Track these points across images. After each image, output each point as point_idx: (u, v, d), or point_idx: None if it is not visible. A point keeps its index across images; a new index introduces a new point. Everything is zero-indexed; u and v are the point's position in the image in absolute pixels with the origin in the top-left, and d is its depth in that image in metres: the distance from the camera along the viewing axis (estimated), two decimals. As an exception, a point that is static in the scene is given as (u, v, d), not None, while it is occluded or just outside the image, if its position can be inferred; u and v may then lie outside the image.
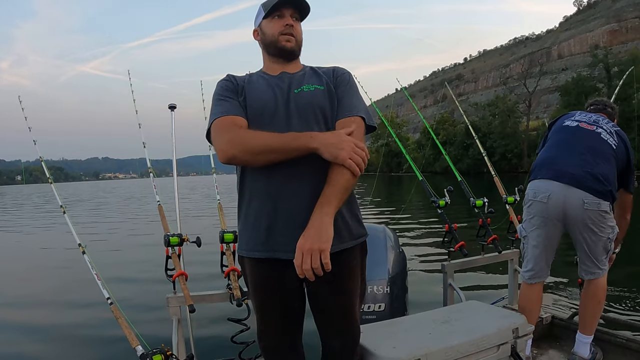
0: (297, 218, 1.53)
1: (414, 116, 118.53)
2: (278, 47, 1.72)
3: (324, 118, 1.65)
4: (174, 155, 2.84)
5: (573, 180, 2.48)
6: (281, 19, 1.70)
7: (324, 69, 1.79)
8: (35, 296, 6.72)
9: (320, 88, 1.69)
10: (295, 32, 1.72)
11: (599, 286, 2.59)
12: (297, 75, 1.74)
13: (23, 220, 21.30)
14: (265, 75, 1.76)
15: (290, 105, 1.64)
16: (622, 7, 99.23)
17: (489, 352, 2.02)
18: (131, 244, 11.55)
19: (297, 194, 1.56)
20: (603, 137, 2.60)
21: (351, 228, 1.67)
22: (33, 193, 60.09)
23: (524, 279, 2.75)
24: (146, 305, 5.42)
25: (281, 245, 1.58)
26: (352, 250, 1.68)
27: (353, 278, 1.70)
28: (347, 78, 1.76)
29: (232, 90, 1.70)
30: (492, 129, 58.36)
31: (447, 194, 3.24)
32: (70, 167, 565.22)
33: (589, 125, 2.67)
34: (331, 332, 1.76)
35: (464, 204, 3.59)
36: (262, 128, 1.59)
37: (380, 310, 2.67)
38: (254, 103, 1.66)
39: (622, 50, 68.13)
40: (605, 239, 2.51)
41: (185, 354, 2.29)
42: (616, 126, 2.74)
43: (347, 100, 1.69)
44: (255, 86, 1.71)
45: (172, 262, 2.38)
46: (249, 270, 1.73)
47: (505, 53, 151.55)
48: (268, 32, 1.73)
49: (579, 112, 2.85)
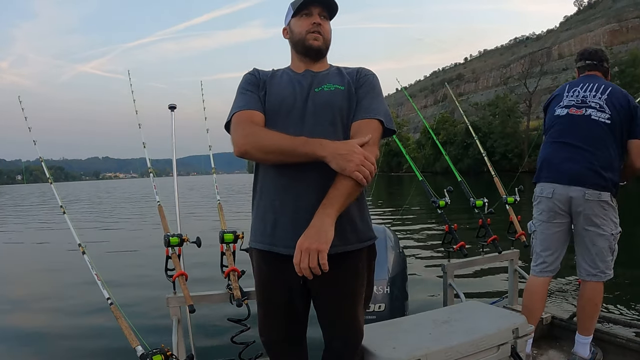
0: (302, 216, 1.54)
1: (414, 116, 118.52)
2: (305, 46, 1.72)
3: (341, 119, 1.65)
4: (174, 155, 2.84)
5: (572, 179, 2.55)
6: (309, 18, 1.71)
7: (350, 70, 1.79)
8: (35, 296, 6.72)
9: (340, 88, 1.69)
10: (323, 30, 1.72)
11: (596, 289, 2.58)
12: (321, 74, 1.75)
13: (22, 220, 21.30)
14: (290, 72, 1.77)
15: (307, 103, 1.65)
16: (622, 7, 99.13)
17: (488, 353, 2.02)
18: (131, 244, 11.55)
19: (304, 193, 1.58)
20: (594, 117, 2.58)
21: (359, 230, 1.68)
22: (32, 192, 60.02)
23: (532, 272, 2.77)
24: (146, 306, 5.42)
25: (282, 240, 1.61)
26: (359, 253, 1.69)
27: (357, 280, 1.71)
28: (370, 79, 1.75)
29: (254, 84, 1.72)
30: (493, 128, 58.40)
31: (447, 194, 3.24)
32: (70, 167, 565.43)
33: (577, 109, 2.64)
34: (332, 332, 1.77)
35: (463, 203, 3.59)
36: (278, 124, 1.62)
37: (380, 310, 2.67)
38: (272, 98, 1.68)
39: (622, 50, 68.13)
40: (608, 234, 2.51)
41: (185, 354, 2.29)
42: (609, 86, 2.65)
43: (366, 102, 1.69)
44: (277, 81, 1.74)
45: (172, 263, 2.38)
46: (255, 262, 1.75)
47: (505, 53, 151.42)
48: (296, 31, 1.74)
49: (569, 88, 2.78)
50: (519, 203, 3.52)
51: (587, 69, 2.80)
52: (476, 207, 3.37)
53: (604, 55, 2.83)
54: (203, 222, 13.28)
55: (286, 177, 1.60)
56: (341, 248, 1.59)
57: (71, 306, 5.95)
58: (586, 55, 2.83)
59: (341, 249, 1.59)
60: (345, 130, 1.65)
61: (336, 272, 1.53)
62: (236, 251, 2.42)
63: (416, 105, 5.25)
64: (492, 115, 61.44)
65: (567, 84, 2.83)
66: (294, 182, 1.59)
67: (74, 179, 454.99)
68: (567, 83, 2.86)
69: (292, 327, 1.79)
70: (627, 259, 2.92)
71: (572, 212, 2.59)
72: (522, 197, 3.51)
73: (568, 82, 2.90)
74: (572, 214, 2.59)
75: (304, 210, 1.55)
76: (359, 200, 1.65)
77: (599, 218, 2.50)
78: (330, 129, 1.62)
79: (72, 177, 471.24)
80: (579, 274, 2.66)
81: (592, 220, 2.51)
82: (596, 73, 2.77)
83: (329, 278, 1.49)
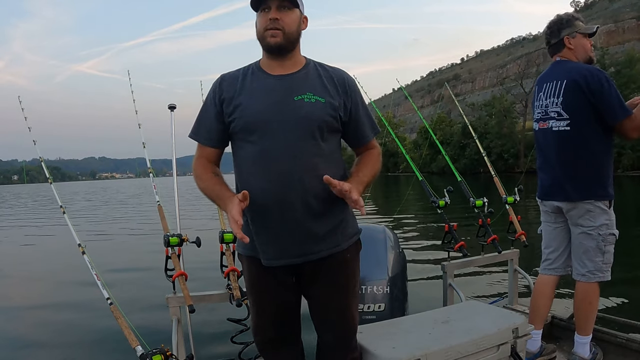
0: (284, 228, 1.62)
1: (410, 116, 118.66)
2: (264, 44, 1.64)
3: (320, 132, 1.63)
4: (174, 155, 2.83)
5: (550, 194, 2.65)
6: (268, 13, 1.60)
7: (331, 71, 1.73)
8: (35, 296, 6.71)
9: (321, 101, 1.63)
10: (283, 24, 1.59)
11: (589, 289, 2.56)
12: (297, 76, 1.67)
13: (21, 220, 21.23)
14: (261, 73, 1.68)
15: (286, 115, 1.60)
16: (619, 8, 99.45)
17: (488, 352, 2.02)
18: (131, 244, 11.52)
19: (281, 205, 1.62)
20: (554, 129, 2.54)
21: (347, 229, 1.73)
22: (26, 192, 59.84)
23: (539, 271, 2.80)
24: (146, 306, 5.41)
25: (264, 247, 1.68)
26: (348, 248, 1.73)
27: (347, 273, 1.75)
28: (356, 90, 1.75)
29: (214, 105, 1.70)
30: (489, 129, 58.46)
31: (446, 194, 3.24)
32: (67, 167, 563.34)
33: (543, 122, 2.62)
34: (325, 327, 1.80)
35: (460, 203, 3.59)
36: (254, 138, 1.62)
37: (380, 310, 2.67)
38: (246, 113, 1.63)
39: (619, 51, 68.22)
40: (595, 234, 2.49)
41: (185, 354, 2.29)
42: (563, 80, 2.48)
43: (362, 124, 1.77)
44: (249, 89, 1.66)
45: (172, 262, 2.38)
46: (245, 265, 1.79)
47: (502, 53, 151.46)
48: (257, 28, 1.65)
49: (537, 92, 2.68)
50: (518, 203, 3.52)
51: (551, 52, 2.67)
52: (476, 207, 3.37)
53: (552, 30, 2.62)
54: (203, 222, 13.24)
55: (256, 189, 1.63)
56: (332, 250, 1.67)
57: (71, 306, 5.94)
58: (545, 36, 2.68)
59: (332, 251, 1.67)
60: (326, 141, 1.65)
61: (328, 269, 1.66)
62: (236, 251, 2.41)
63: (413, 106, 5.25)
64: (489, 116, 61.51)
65: (537, 84, 2.71)
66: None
67: (71, 179, 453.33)
68: (539, 77, 2.73)
69: (286, 325, 1.81)
70: (627, 259, 2.91)
71: (566, 215, 2.63)
72: (521, 197, 3.51)
73: (540, 75, 2.73)
74: (565, 215, 2.63)
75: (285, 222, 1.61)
76: (339, 205, 1.67)
77: (585, 219, 2.51)
78: (311, 142, 1.61)
79: (68, 177, 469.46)
80: (572, 273, 2.67)
81: (578, 222, 2.54)
82: (561, 56, 2.60)
83: (321, 274, 1.65)
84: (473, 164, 50.76)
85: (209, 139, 1.72)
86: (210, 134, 1.72)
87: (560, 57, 2.61)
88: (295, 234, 1.61)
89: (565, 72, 2.51)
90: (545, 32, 2.66)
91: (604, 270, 2.53)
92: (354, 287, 1.80)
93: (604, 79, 2.38)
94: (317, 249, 1.64)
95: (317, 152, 1.62)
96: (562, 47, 2.59)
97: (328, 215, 1.65)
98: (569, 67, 2.53)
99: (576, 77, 2.43)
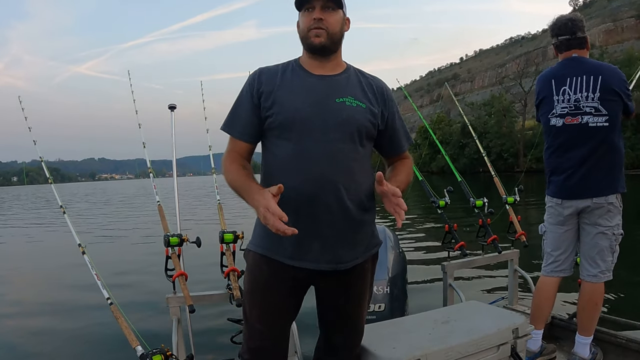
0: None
1: (410, 116, 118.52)
2: (307, 43, 1.61)
3: (360, 136, 1.61)
4: (174, 155, 2.84)
5: (578, 193, 2.54)
6: (312, 13, 1.58)
7: (370, 78, 1.72)
8: (35, 296, 6.70)
9: (362, 106, 1.62)
10: (327, 24, 1.57)
11: (596, 290, 2.57)
12: (339, 79, 1.65)
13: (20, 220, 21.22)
14: (301, 71, 1.65)
15: (327, 115, 1.57)
16: (617, 7, 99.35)
17: (488, 353, 2.02)
18: (131, 244, 11.52)
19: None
20: (591, 124, 2.47)
21: (374, 238, 1.74)
22: (28, 193, 59.80)
23: (543, 273, 2.78)
24: (146, 306, 5.41)
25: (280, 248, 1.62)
26: (367, 260, 1.72)
27: (366, 283, 1.76)
28: (393, 100, 1.74)
29: (250, 97, 1.63)
30: (488, 128, 58.39)
31: (447, 194, 3.24)
32: (66, 168, 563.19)
33: (573, 117, 2.52)
34: (337, 329, 1.80)
35: (460, 203, 3.59)
36: (292, 136, 1.57)
37: (380, 310, 2.67)
38: (284, 109, 1.58)
39: (617, 50, 68.37)
40: (610, 234, 2.51)
41: (185, 354, 2.29)
42: (598, 75, 2.46)
43: (398, 133, 1.77)
44: (288, 86, 1.62)
45: (172, 263, 2.38)
46: (255, 264, 1.69)
47: (501, 52, 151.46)
48: (300, 27, 1.63)
49: (557, 87, 2.58)
50: (518, 203, 3.52)
51: (564, 47, 2.59)
52: (476, 207, 3.37)
53: (577, 24, 2.55)
54: (202, 221, 13.24)
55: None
56: (352, 262, 1.64)
57: (71, 306, 5.93)
58: (556, 30, 2.60)
59: (353, 263, 1.64)
60: (364, 147, 1.64)
61: (349, 278, 1.65)
62: (236, 251, 2.42)
63: (412, 105, 5.25)
64: (488, 115, 61.43)
65: (552, 78, 2.61)
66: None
67: (70, 180, 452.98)
68: (550, 73, 2.66)
69: (285, 331, 1.76)
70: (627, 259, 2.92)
71: (579, 213, 2.59)
72: (521, 197, 3.51)
73: (552, 71, 2.66)
74: (579, 214, 2.60)
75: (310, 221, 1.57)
76: (370, 214, 1.68)
77: (603, 219, 2.50)
78: (350, 146, 1.59)
79: (68, 178, 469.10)
80: (580, 273, 2.66)
81: (597, 221, 2.52)
82: (577, 52, 2.56)
83: (344, 283, 1.64)
84: (472, 163, 50.69)
85: (243, 133, 1.65)
86: (245, 128, 1.65)
87: (578, 53, 2.57)
88: (328, 238, 1.57)
89: (595, 68, 2.49)
90: (560, 25, 2.58)
91: (611, 269, 2.56)
92: (369, 295, 1.80)
93: (624, 76, 2.52)
94: (347, 257, 1.61)
95: (355, 157, 1.60)
96: (584, 44, 2.58)
97: (364, 222, 1.64)
98: (596, 64, 2.56)
99: (610, 74, 2.47)
